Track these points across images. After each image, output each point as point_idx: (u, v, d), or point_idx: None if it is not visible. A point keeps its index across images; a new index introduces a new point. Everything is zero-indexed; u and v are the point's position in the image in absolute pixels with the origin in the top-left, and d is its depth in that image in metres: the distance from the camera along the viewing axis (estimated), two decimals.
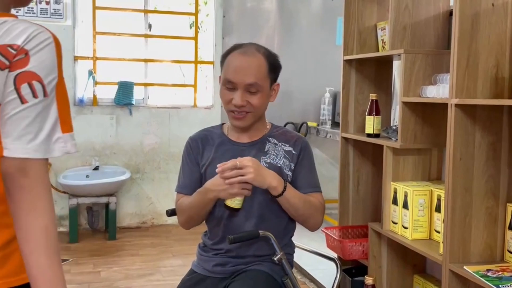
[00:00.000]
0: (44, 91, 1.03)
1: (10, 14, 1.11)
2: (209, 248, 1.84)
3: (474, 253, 1.92)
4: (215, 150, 1.82)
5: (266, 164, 1.77)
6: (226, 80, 1.73)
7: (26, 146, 1.02)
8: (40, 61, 1.03)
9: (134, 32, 4.80)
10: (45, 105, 1.04)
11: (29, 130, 1.02)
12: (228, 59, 1.76)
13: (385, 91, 2.75)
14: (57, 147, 1.07)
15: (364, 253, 2.53)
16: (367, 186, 2.78)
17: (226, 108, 1.77)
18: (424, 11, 2.35)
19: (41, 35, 1.05)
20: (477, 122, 1.88)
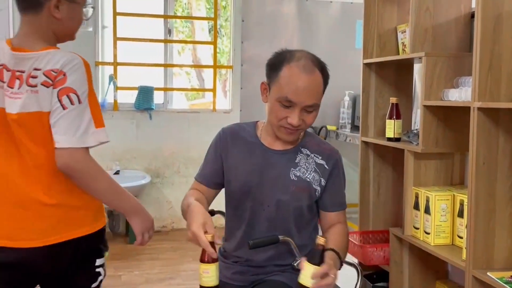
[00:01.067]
0: (78, 100, 1.46)
1: (54, 47, 1.57)
2: (229, 254, 1.82)
3: (497, 259, 1.88)
4: (244, 150, 1.77)
5: (295, 178, 1.72)
6: (284, 98, 1.63)
7: (70, 139, 1.45)
8: (73, 79, 1.46)
9: (154, 37, 4.84)
10: (80, 109, 1.47)
11: (70, 127, 1.45)
12: (285, 73, 1.64)
13: (405, 94, 2.72)
14: (91, 138, 1.49)
15: (385, 259, 2.50)
16: (388, 190, 2.75)
17: (276, 123, 1.68)
18: (445, 13, 2.32)
19: (74, 61, 1.49)
20: (500, 126, 1.85)
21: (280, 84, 1.64)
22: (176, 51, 5.37)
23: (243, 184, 1.74)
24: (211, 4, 5.20)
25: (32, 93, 1.47)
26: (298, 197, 1.73)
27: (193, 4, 6.56)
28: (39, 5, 1.51)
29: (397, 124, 2.42)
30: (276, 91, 1.65)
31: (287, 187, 1.72)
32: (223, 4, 5.38)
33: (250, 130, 1.81)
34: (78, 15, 1.61)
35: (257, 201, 1.73)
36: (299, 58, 1.66)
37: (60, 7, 1.53)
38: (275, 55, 1.73)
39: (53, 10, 1.53)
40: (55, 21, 1.55)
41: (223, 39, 5.73)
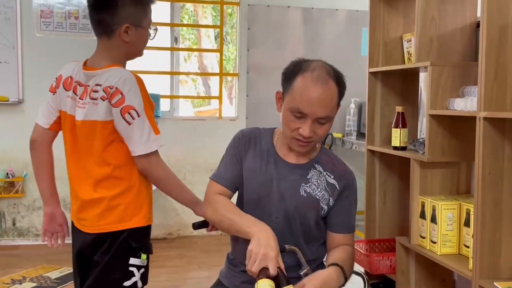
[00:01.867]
0: (137, 114, 1.73)
1: (116, 64, 1.80)
2: (237, 262, 1.80)
3: (504, 268, 1.88)
4: (259, 157, 1.75)
5: (305, 194, 1.70)
6: (297, 109, 1.60)
7: (139, 148, 1.74)
8: (130, 97, 1.72)
9: (161, 45, 4.86)
10: (140, 122, 1.73)
11: (137, 138, 1.74)
12: (298, 83, 1.61)
13: (411, 103, 2.72)
14: (154, 144, 1.76)
15: (391, 268, 2.50)
16: (394, 199, 2.75)
17: (289, 134, 1.66)
18: (451, 23, 2.33)
19: (127, 79, 1.74)
20: (506, 136, 1.85)
21: (293, 94, 1.62)
22: (182, 58, 5.39)
23: (253, 193, 1.73)
24: (217, 11, 5.22)
25: (93, 104, 1.76)
26: (305, 213, 1.71)
27: (199, 12, 6.60)
28: (111, 32, 1.80)
29: (403, 132, 2.43)
30: (289, 101, 1.63)
31: (295, 202, 1.70)
32: (229, 12, 5.40)
33: (267, 137, 1.79)
34: (144, 37, 1.88)
35: (266, 211, 1.72)
36: (314, 69, 1.63)
37: (129, 32, 1.80)
38: (291, 64, 1.70)
39: (123, 35, 1.79)
40: (124, 43, 1.81)
41: (229, 47, 5.75)
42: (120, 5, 1.78)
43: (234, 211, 1.70)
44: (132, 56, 1.91)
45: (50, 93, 1.95)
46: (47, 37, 4.51)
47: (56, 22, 4.52)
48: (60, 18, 4.52)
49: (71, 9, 4.52)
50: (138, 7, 1.82)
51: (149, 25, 1.88)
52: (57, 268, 3.91)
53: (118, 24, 1.79)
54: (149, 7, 1.87)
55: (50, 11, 4.49)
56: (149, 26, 1.88)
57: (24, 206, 4.59)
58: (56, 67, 5.20)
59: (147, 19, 1.86)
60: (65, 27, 4.53)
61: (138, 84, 1.75)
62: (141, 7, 1.83)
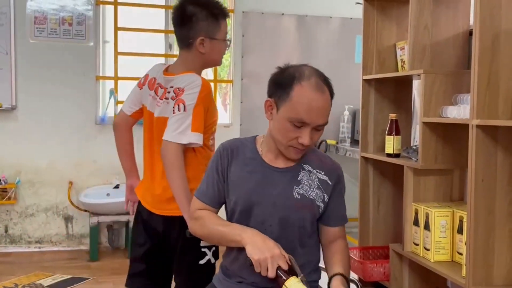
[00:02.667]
0: (184, 108, 1.96)
1: (190, 71, 2.06)
2: (232, 273, 1.76)
3: (497, 276, 1.88)
4: (245, 167, 1.72)
5: (299, 196, 1.69)
6: (299, 119, 1.60)
7: (169, 134, 1.96)
8: (187, 94, 1.98)
9: (155, 52, 4.86)
10: (184, 115, 1.96)
11: (173, 126, 1.96)
12: (297, 93, 1.60)
13: (405, 110, 2.73)
14: (185, 138, 1.96)
15: (385, 275, 2.50)
16: (388, 206, 2.76)
17: (285, 143, 1.65)
18: (444, 31, 2.34)
19: (194, 82, 2.00)
20: (499, 143, 1.86)
21: (293, 104, 1.60)
22: None
23: (244, 202, 1.70)
24: None
25: (166, 103, 2.06)
26: (301, 215, 1.70)
27: None
28: (190, 45, 2.08)
29: (396, 140, 2.44)
30: (287, 111, 1.61)
31: (290, 206, 1.68)
32: None
33: (250, 146, 1.77)
34: (218, 48, 2.12)
35: (259, 220, 1.70)
36: (309, 77, 1.62)
37: (204, 44, 2.06)
38: (280, 72, 1.69)
39: (199, 46, 2.06)
40: (201, 54, 2.08)
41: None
42: (195, 21, 2.05)
43: (220, 222, 1.70)
44: (210, 65, 2.20)
45: (137, 87, 2.29)
46: (40, 44, 4.50)
47: (50, 29, 4.51)
48: (54, 25, 4.51)
49: (65, 15, 4.52)
50: (212, 22, 2.07)
51: (223, 37, 2.12)
52: (50, 275, 3.89)
53: (194, 38, 2.06)
54: (223, 21, 2.11)
55: (44, 17, 4.49)
56: (224, 38, 2.13)
57: (16, 213, 4.56)
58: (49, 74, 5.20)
59: (221, 32, 2.10)
60: (59, 34, 4.52)
61: (201, 88, 1.99)
62: (214, 21, 2.08)
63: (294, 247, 1.70)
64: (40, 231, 4.60)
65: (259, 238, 1.58)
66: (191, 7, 2.07)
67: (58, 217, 4.62)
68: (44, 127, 4.53)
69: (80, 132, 4.61)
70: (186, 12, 2.07)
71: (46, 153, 4.56)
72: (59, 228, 4.62)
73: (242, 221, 1.70)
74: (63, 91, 4.54)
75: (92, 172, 4.65)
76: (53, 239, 4.62)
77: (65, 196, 4.57)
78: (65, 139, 4.58)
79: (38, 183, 4.57)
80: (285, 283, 1.50)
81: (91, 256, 4.31)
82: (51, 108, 4.54)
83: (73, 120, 4.59)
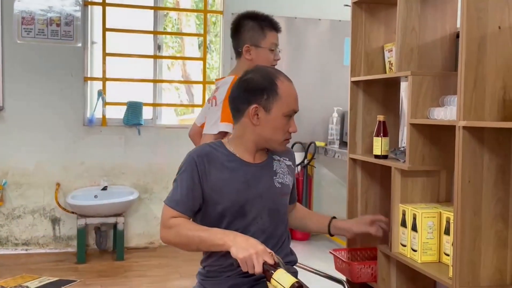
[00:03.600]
0: (215, 103, 2.31)
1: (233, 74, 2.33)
2: (218, 272, 1.79)
3: (483, 276, 1.90)
4: (224, 170, 1.76)
5: (279, 185, 1.82)
6: (293, 111, 1.78)
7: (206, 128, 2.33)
8: (219, 91, 2.33)
9: (144, 53, 4.85)
10: (216, 109, 2.27)
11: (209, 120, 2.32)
12: (282, 88, 1.76)
13: (393, 112, 2.74)
14: (215, 128, 2.22)
15: (373, 276, 2.50)
16: (376, 207, 2.76)
17: (281, 138, 1.78)
18: (431, 33, 2.36)
19: (227, 80, 2.29)
20: (485, 145, 1.87)
21: (283, 99, 1.75)
22: (165, 66, 5.38)
23: (233, 203, 1.74)
24: (201, 20, 5.23)
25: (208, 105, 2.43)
26: (284, 202, 1.85)
27: (183, 20, 6.60)
28: (239, 53, 2.43)
29: (384, 141, 2.44)
30: (281, 107, 1.75)
31: (275, 195, 1.81)
32: (213, 20, 5.41)
33: (221, 150, 1.81)
34: (264, 55, 2.38)
35: (250, 216, 1.75)
36: (278, 72, 1.80)
37: (250, 52, 2.38)
38: (251, 80, 1.76)
39: (245, 53, 2.38)
40: (248, 61, 2.37)
41: (212, 55, 5.75)
42: (242, 31, 2.39)
43: (198, 228, 1.71)
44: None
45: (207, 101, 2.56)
46: (28, 44, 4.47)
47: (38, 29, 4.49)
48: (41, 25, 4.49)
49: (52, 16, 4.50)
50: (257, 31, 2.37)
51: (269, 46, 2.38)
52: (37, 277, 3.86)
53: (241, 46, 2.39)
54: (269, 32, 2.38)
55: (32, 18, 4.46)
56: (270, 47, 2.38)
57: (3, 215, 4.52)
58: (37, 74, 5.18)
59: (266, 41, 2.37)
60: (47, 34, 4.50)
61: (232, 82, 2.15)
62: (259, 31, 2.37)
63: (281, 234, 1.80)
64: (27, 233, 4.56)
65: (241, 238, 1.61)
66: (242, 20, 2.42)
67: (45, 219, 4.59)
68: (31, 128, 4.50)
69: (67, 133, 4.59)
70: (236, 25, 2.42)
71: (33, 155, 4.53)
72: (46, 230, 4.59)
73: (233, 221, 1.72)
74: (50, 92, 4.51)
75: (80, 174, 4.63)
76: (40, 241, 4.59)
77: (52, 198, 4.54)
78: (52, 141, 4.55)
79: (25, 184, 4.53)
80: (273, 276, 1.52)
81: (78, 258, 4.28)
82: (38, 109, 4.51)
83: (60, 122, 4.56)
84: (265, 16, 2.43)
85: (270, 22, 2.42)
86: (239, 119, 1.79)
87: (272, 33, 2.40)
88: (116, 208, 4.40)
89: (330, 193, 5.10)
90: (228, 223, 1.74)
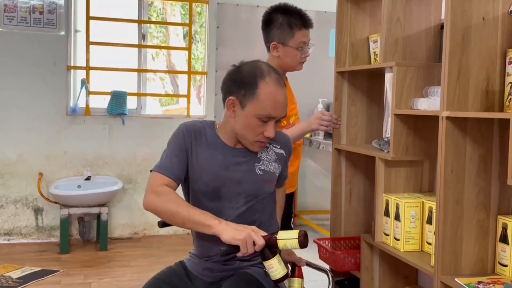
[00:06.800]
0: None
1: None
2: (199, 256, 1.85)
3: (465, 265, 1.92)
4: (207, 150, 1.77)
5: (261, 172, 1.79)
6: (267, 115, 1.69)
7: None
8: None
9: (128, 42, 4.80)
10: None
11: None
12: (263, 90, 1.68)
13: (377, 103, 2.76)
14: None
15: (356, 265, 2.53)
16: (360, 197, 2.78)
17: (252, 138, 1.73)
18: (416, 24, 2.37)
19: None
20: (468, 135, 1.89)
21: (260, 101, 1.68)
22: (150, 56, 5.34)
23: (210, 184, 1.75)
24: (186, 10, 5.20)
25: None
26: (266, 189, 1.82)
27: (168, 10, 6.55)
28: (268, 48, 2.40)
29: None
30: (254, 108, 1.69)
31: (254, 182, 1.78)
32: (198, 10, 5.38)
33: (210, 130, 1.82)
34: (291, 55, 2.35)
35: (226, 199, 1.76)
36: (269, 73, 1.72)
37: (278, 49, 2.35)
38: (237, 71, 1.75)
39: (273, 50, 2.36)
40: (275, 58, 2.36)
41: (198, 45, 5.72)
42: (271, 27, 2.36)
43: (187, 204, 1.72)
44: (286, 69, 2.40)
45: None
46: (10, 32, 4.40)
47: (20, 17, 4.42)
48: (24, 13, 4.42)
49: (35, 3, 4.43)
50: (285, 30, 2.33)
51: (296, 45, 2.34)
52: (19, 267, 3.82)
53: (269, 42, 2.37)
54: (298, 31, 2.33)
55: (14, 5, 4.39)
56: (298, 47, 2.35)
57: None
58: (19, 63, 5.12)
59: (294, 40, 2.33)
60: (29, 22, 4.43)
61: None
62: (288, 29, 2.34)
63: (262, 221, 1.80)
64: (9, 223, 4.51)
65: (229, 225, 1.62)
66: (273, 15, 2.38)
67: (28, 209, 4.55)
68: (13, 117, 4.44)
69: (50, 123, 4.54)
70: (267, 18, 2.39)
71: (15, 144, 4.47)
72: (29, 220, 4.55)
73: (207, 202, 1.75)
74: (33, 81, 4.46)
75: (63, 164, 4.59)
76: (22, 231, 4.54)
77: (35, 188, 4.50)
78: (35, 130, 4.50)
79: (7, 174, 4.48)
80: (278, 238, 1.59)
81: (61, 249, 4.25)
82: (20, 98, 4.45)
83: (43, 111, 4.51)
84: (297, 12, 2.38)
85: (301, 19, 2.36)
86: (224, 106, 1.79)
87: (302, 32, 2.36)
88: (99, 198, 4.37)
89: (315, 184, 5.12)
90: (203, 204, 1.75)
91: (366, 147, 2.56)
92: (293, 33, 2.35)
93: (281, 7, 2.41)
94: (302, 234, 1.59)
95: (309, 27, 2.40)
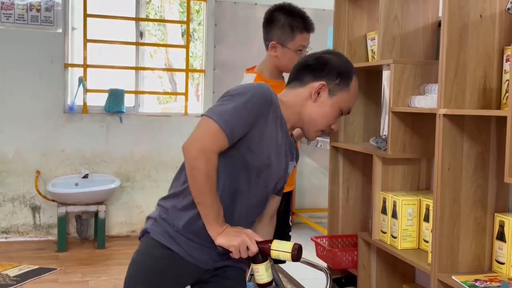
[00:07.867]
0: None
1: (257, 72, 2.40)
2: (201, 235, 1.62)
3: (462, 263, 1.92)
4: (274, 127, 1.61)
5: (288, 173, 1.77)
6: (349, 109, 1.73)
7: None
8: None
9: (126, 40, 4.80)
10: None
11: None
12: (354, 86, 1.72)
13: (375, 100, 2.76)
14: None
15: (353, 263, 2.52)
16: (357, 195, 2.78)
17: (321, 127, 1.70)
18: (413, 22, 2.37)
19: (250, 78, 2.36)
20: (465, 132, 1.89)
21: (350, 95, 1.71)
22: (148, 54, 5.33)
23: (261, 163, 1.61)
24: (184, 8, 5.19)
25: None
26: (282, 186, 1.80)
27: (166, 8, 6.54)
28: (266, 46, 2.38)
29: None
30: (344, 100, 1.70)
31: (282, 178, 1.75)
32: (196, 8, 5.37)
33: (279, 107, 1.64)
34: (288, 56, 2.31)
35: (269, 179, 1.67)
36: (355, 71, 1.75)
37: (276, 49, 2.34)
38: (344, 61, 1.73)
39: (271, 50, 2.35)
40: (273, 57, 2.36)
41: (196, 43, 5.72)
42: (272, 26, 2.33)
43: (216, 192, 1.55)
44: (282, 69, 2.38)
45: None
46: (7, 30, 4.39)
47: (17, 14, 4.41)
48: (21, 10, 4.41)
49: (33, 1, 4.42)
50: (286, 31, 2.31)
51: (295, 48, 2.31)
52: (17, 265, 3.82)
53: (268, 41, 2.35)
54: (299, 34, 2.31)
55: (11, 2, 4.38)
56: (296, 49, 2.32)
57: None
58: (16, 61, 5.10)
59: (294, 43, 2.31)
60: (27, 20, 4.42)
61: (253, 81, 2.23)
62: (289, 31, 2.31)
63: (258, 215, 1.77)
64: (6, 221, 4.51)
65: (231, 228, 1.59)
66: (276, 14, 2.35)
67: (25, 207, 4.54)
68: (10, 115, 4.44)
69: (48, 120, 4.53)
70: (269, 16, 2.36)
71: (13, 142, 4.47)
72: (26, 218, 4.54)
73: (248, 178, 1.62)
74: (30, 79, 4.45)
75: (60, 162, 4.58)
76: (20, 229, 4.54)
77: (33, 186, 4.49)
78: (32, 128, 4.49)
79: (4, 172, 4.48)
80: (272, 248, 1.58)
81: (59, 247, 4.25)
82: (18, 96, 4.44)
83: (41, 109, 4.50)
84: (300, 15, 2.35)
85: (304, 23, 2.34)
86: (296, 87, 1.68)
87: (303, 35, 2.34)
88: (97, 196, 4.36)
89: (313, 182, 5.13)
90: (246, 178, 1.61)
91: (364, 145, 2.56)
92: (294, 36, 2.33)
93: (285, 7, 2.38)
94: (296, 248, 1.55)
95: (311, 31, 2.38)
